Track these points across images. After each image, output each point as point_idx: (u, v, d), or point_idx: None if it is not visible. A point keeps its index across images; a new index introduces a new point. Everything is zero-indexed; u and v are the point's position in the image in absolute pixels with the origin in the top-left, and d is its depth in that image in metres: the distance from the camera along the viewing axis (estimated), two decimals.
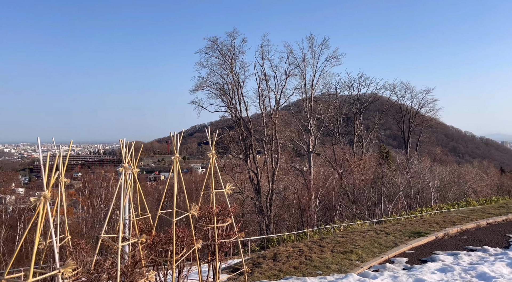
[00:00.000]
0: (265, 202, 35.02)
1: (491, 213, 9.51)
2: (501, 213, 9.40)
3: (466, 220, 8.71)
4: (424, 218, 9.59)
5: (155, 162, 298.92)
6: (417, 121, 66.01)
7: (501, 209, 9.99)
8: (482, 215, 9.33)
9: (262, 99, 37.24)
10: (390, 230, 11.05)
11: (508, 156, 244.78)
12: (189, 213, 8.33)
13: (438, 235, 9.04)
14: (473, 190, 50.55)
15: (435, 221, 8.90)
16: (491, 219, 8.70)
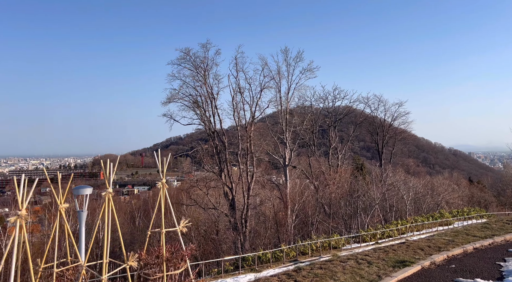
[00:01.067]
0: (240, 218, 33.79)
1: (476, 235, 8.81)
2: (486, 235, 8.72)
3: (451, 244, 7.95)
4: (408, 242, 8.77)
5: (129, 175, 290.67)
6: (391, 134, 67.06)
7: (485, 231, 9.34)
8: (467, 238, 8.62)
9: (236, 112, 36.41)
10: (372, 258, 10.23)
11: (475, 166, 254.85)
12: (126, 264, 6.71)
13: (424, 264, 8.32)
14: (446, 201, 51.37)
15: (419, 246, 8.06)
16: (477, 242, 7.98)
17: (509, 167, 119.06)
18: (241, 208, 35.10)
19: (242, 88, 37.32)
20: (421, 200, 49.11)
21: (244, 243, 32.85)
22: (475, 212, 46.54)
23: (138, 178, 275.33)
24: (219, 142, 35.93)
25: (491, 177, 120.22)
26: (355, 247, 32.17)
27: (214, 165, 36.30)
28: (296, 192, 43.06)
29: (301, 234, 41.93)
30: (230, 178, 34.74)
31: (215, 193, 41.74)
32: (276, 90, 44.19)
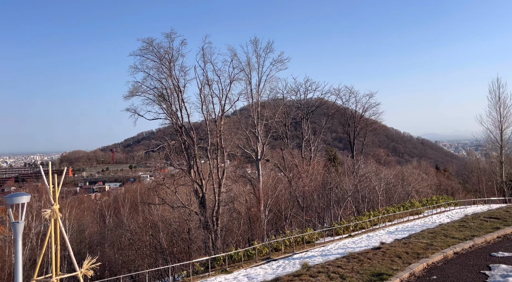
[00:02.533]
0: (211, 216, 32.60)
1: (455, 236, 8.03)
2: (466, 236, 7.97)
3: (430, 249, 7.08)
4: (383, 248, 7.88)
5: (99, 171, 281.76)
6: (362, 125, 67.63)
7: (464, 230, 8.62)
8: (446, 240, 7.82)
9: (205, 105, 34.92)
10: (345, 270, 9.36)
11: (441, 154, 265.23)
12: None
13: (403, 276, 7.52)
14: (416, 190, 52.33)
15: (396, 252, 7.11)
16: (457, 246, 7.18)
17: (472, 154, 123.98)
18: (212, 205, 33.89)
19: (211, 80, 35.87)
20: (392, 190, 49.73)
21: (215, 241, 31.75)
22: (443, 200, 47.60)
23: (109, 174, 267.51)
24: (187, 137, 34.39)
25: (456, 164, 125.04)
26: (329, 241, 31.79)
27: (183, 161, 34.77)
28: (270, 186, 42.32)
29: (275, 228, 41.34)
30: (199, 174, 33.37)
31: (186, 190, 40.30)
32: (247, 83, 43.02)
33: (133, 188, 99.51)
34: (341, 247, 26.40)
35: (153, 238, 37.48)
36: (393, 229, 33.23)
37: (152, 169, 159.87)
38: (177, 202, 34.09)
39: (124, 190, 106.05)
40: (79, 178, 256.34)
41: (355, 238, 31.33)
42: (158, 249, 36.21)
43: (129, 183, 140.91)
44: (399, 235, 27.01)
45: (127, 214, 60.99)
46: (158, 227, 37.00)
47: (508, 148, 56.51)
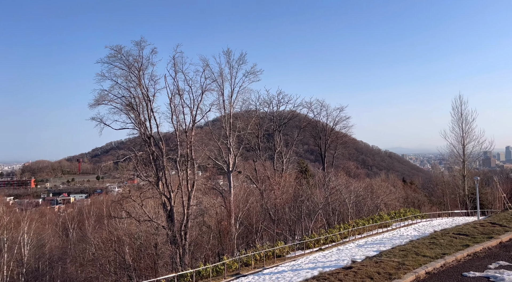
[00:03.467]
0: (180, 230, 31.45)
1: (426, 254, 7.84)
2: (437, 254, 7.79)
3: (402, 269, 6.82)
4: (355, 267, 7.55)
5: (64, 182, 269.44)
6: (333, 138, 68.66)
7: (434, 248, 8.46)
8: (417, 258, 7.59)
9: (175, 115, 34.05)
10: None
11: (408, 167, 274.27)
12: None
13: None
14: (384, 203, 53.37)
15: (367, 273, 6.79)
16: (429, 265, 6.96)
17: (437, 168, 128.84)
18: (180, 219, 32.76)
19: (182, 90, 35.11)
20: (362, 202, 50.38)
21: (183, 257, 30.58)
22: (410, 213, 48.79)
23: (75, 185, 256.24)
24: (156, 148, 33.29)
25: (421, 177, 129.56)
26: (299, 255, 31.48)
27: (151, 173, 33.54)
28: (241, 198, 41.68)
29: (246, 242, 40.59)
30: (168, 186, 32.25)
31: (153, 203, 38.87)
32: (219, 93, 42.59)
33: (100, 199, 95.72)
34: (312, 261, 26.12)
35: (117, 254, 35.69)
36: (362, 242, 33.43)
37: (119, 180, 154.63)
38: (144, 215, 32.71)
39: (90, 201, 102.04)
40: (42, 189, 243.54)
41: (325, 251, 31.20)
42: (123, 265, 34.48)
43: (96, 194, 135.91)
44: (368, 248, 27.11)
45: (92, 227, 58.25)
46: (123, 242, 35.31)
47: (469, 162, 59.05)
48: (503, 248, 8.39)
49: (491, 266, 7.08)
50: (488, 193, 58.29)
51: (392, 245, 23.61)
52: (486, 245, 8.60)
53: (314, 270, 20.70)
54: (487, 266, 7.09)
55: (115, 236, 36.79)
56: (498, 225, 10.43)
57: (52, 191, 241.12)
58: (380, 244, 28.44)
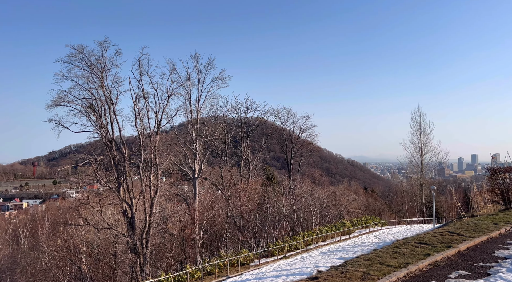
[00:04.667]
0: (141, 238, 30.25)
1: (390, 264, 7.90)
2: (400, 264, 7.87)
3: (367, 279, 6.82)
4: (320, 277, 7.42)
5: (17, 187, 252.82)
6: (299, 146, 69.64)
7: (398, 257, 8.56)
8: (382, 268, 7.62)
9: (139, 119, 32.89)
10: None
11: (369, 175, 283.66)
12: None
13: None
14: (347, 211, 54.57)
15: None
16: (393, 275, 6.99)
17: (396, 177, 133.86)
18: (142, 226, 31.55)
19: (147, 93, 34.10)
20: (325, 210, 51.20)
21: (144, 266, 29.39)
22: (371, 220, 50.18)
23: (29, 190, 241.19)
24: (118, 152, 31.96)
25: (382, 186, 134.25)
26: (264, 263, 31.28)
27: (112, 178, 32.11)
28: (206, 205, 40.95)
29: (210, 250, 39.86)
30: (129, 193, 31.00)
31: (114, 210, 37.25)
32: (186, 98, 41.86)
33: (56, 205, 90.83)
34: (276, 269, 25.98)
35: (72, 263, 33.75)
36: (326, 249, 33.84)
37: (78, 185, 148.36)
38: (103, 223, 31.18)
39: (44, 207, 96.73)
40: None
41: (289, 259, 31.23)
42: (78, 275, 32.64)
43: (52, 200, 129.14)
44: (332, 255, 27.42)
45: (46, 235, 54.91)
46: (80, 251, 33.47)
47: (426, 172, 61.91)
48: (462, 257, 8.65)
49: (451, 275, 7.23)
50: (442, 201, 61.29)
51: (355, 253, 24.04)
52: (445, 254, 8.82)
53: (278, 279, 20.56)
54: (447, 276, 7.23)
55: (71, 244, 34.83)
56: (456, 234, 10.79)
57: (2, 196, 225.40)
58: (342, 252, 28.88)
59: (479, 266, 7.78)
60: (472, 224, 12.61)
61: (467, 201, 49.57)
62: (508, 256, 8.35)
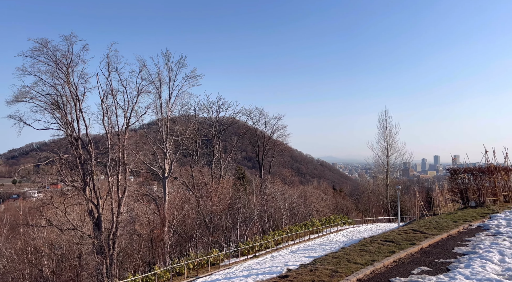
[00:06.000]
0: (107, 239, 29.32)
1: (357, 261, 8.17)
2: (367, 261, 8.16)
3: (335, 277, 7.02)
4: (290, 276, 7.57)
5: None
6: (270, 146, 70.08)
7: (365, 255, 8.87)
8: (349, 265, 7.87)
9: (107, 117, 31.83)
10: None
11: (337, 175, 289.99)
12: None
13: None
14: (316, 210, 55.59)
15: (301, 280, 6.88)
16: (360, 272, 7.24)
17: (364, 177, 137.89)
18: (109, 227, 30.61)
19: (115, 90, 33.08)
20: (295, 209, 51.90)
21: (110, 267, 28.54)
22: (339, 219, 51.43)
23: None
24: (84, 151, 30.82)
25: (350, 185, 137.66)
26: (234, 262, 31.29)
27: (78, 178, 30.90)
28: (176, 205, 40.34)
29: (179, 251, 39.31)
30: (96, 192, 29.97)
31: (79, 210, 35.89)
32: (156, 96, 41.09)
33: (15, 206, 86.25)
34: (246, 268, 26.05)
35: (33, 266, 32.22)
36: (295, 248, 34.33)
37: (40, 185, 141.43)
38: (67, 223, 29.96)
39: (3, 208, 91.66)
40: None
41: (260, 258, 31.42)
42: (40, 278, 31.18)
43: (11, 200, 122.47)
44: (301, 254, 27.86)
45: (5, 237, 51.99)
46: (41, 253, 32.00)
47: (392, 172, 64.22)
48: (424, 254, 9.04)
49: (414, 271, 7.55)
50: (407, 201, 63.76)
51: (323, 251, 24.55)
52: (409, 251, 9.19)
53: (248, 278, 20.62)
54: (410, 272, 7.55)
55: (31, 246, 33.22)
56: (418, 232, 11.27)
57: None
58: (312, 250, 29.40)
59: (439, 262, 8.17)
60: (433, 222, 13.21)
61: (430, 200, 51.80)
62: (466, 252, 8.82)
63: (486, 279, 6.34)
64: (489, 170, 18.38)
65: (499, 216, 13.92)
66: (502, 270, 7.07)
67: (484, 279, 6.36)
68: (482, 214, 14.82)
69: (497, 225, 12.05)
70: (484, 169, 18.67)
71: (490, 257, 7.88)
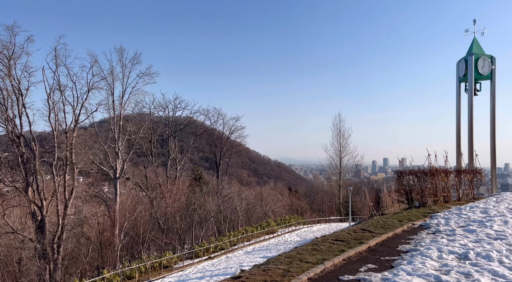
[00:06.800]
0: (52, 243, 27.53)
1: (309, 261, 8.37)
2: (318, 260, 8.39)
3: (287, 276, 7.14)
4: (243, 277, 7.53)
5: None
6: (228, 146, 70.00)
7: (316, 254, 9.11)
8: (301, 265, 8.04)
9: (53, 113, 29.89)
10: None
11: (293, 176, 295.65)
12: None
13: None
14: (272, 210, 56.27)
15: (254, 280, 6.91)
16: (311, 271, 7.42)
17: (318, 178, 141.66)
18: (54, 230, 28.77)
19: (64, 86, 31.19)
20: (252, 210, 52.17)
21: (54, 273, 26.82)
22: (294, 220, 52.46)
23: None
24: (27, 149, 28.72)
25: (305, 186, 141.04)
26: (188, 265, 30.79)
27: (19, 178, 28.72)
28: (128, 207, 38.89)
29: (131, 254, 37.95)
30: (40, 193, 28.02)
31: (21, 212, 33.39)
32: (109, 93, 39.37)
33: None
34: (200, 270, 25.76)
35: None
36: (250, 249, 34.50)
37: None
38: (6, 226, 27.73)
39: None
40: None
41: (214, 260, 31.20)
42: None
43: None
44: (256, 255, 28.04)
45: None
46: None
47: (344, 173, 66.72)
48: (371, 252, 9.43)
49: (362, 269, 7.84)
50: (358, 201, 66.55)
51: (278, 251, 24.88)
52: (358, 249, 9.55)
53: (202, 280, 20.40)
54: (358, 270, 7.82)
55: None
56: (367, 231, 11.76)
57: None
58: (266, 250, 29.71)
59: (385, 259, 8.56)
60: (381, 222, 13.85)
61: (379, 200, 54.47)
62: (409, 250, 9.34)
63: (425, 274, 6.74)
64: (431, 172, 19.67)
65: (439, 215, 14.93)
66: (439, 266, 7.57)
67: (424, 274, 6.76)
68: (424, 213, 15.82)
69: (437, 223, 12.92)
70: (427, 171, 19.95)
71: (429, 254, 8.41)
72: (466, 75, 25.48)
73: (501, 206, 16.33)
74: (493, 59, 25.47)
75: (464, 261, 7.91)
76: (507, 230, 11.12)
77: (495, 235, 10.40)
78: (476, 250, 8.65)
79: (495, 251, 8.48)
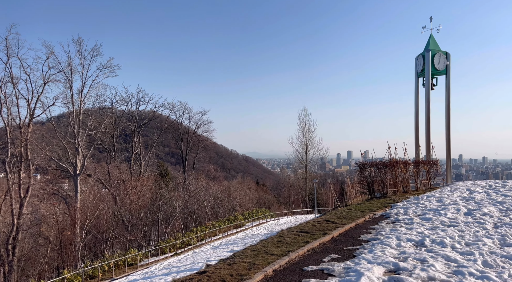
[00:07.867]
0: (6, 244, 25.99)
1: (274, 253, 8.45)
2: (283, 252, 8.49)
3: (253, 269, 7.16)
4: (209, 272, 7.50)
5: None
6: (194, 141, 69.07)
7: (281, 246, 9.21)
8: (267, 257, 8.09)
9: (6, 107, 28.02)
10: None
11: (261, 170, 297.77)
12: None
13: None
14: (240, 204, 56.40)
15: (220, 277, 6.92)
16: (276, 263, 7.50)
17: (285, 171, 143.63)
18: (8, 231, 27.16)
19: (17, 78, 29.38)
20: (219, 204, 52.00)
21: (9, 275, 25.37)
22: (261, 213, 52.91)
23: None
24: None
25: (272, 180, 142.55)
26: (154, 262, 30.22)
27: None
28: (90, 204, 37.46)
29: (93, 252, 36.68)
30: None
31: None
32: (67, 86, 37.49)
33: None
34: (166, 267, 25.35)
35: None
36: (218, 243, 34.41)
37: None
38: None
39: None
40: None
41: (181, 256, 30.82)
42: None
43: None
44: (223, 249, 28.00)
45: None
46: None
47: (310, 166, 67.98)
48: (334, 242, 9.66)
49: (325, 259, 7.99)
50: (323, 193, 68.18)
51: (245, 245, 24.99)
52: (321, 240, 9.74)
53: (167, 276, 20.09)
54: (322, 260, 7.96)
55: None
56: (331, 222, 12.04)
57: None
58: (234, 244, 29.74)
59: (347, 249, 8.79)
60: (344, 213, 14.23)
61: (343, 192, 56.18)
62: (370, 239, 9.65)
63: (385, 262, 6.99)
64: (391, 164, 20.51)
65: (398, 205, 15.58)
66: (398, 253, 7.89)
67: (383, 262, 7.01)
68: (384, 203, 16.45)
69: (396, 213, 13.47)
70: (387, 163, 20.77)
71: (389, 242, 8.75)
72: (424, 70, 26.67)
73: (455, 195, 17.32)
74: (448, 55, 26.81)
75: (421, 248, 8.31)
76: (459, 217, 11.81)
77: (449, 222, 11.01)
78: (432, 237, 9.11)
79: (448, 237, 8.97)
